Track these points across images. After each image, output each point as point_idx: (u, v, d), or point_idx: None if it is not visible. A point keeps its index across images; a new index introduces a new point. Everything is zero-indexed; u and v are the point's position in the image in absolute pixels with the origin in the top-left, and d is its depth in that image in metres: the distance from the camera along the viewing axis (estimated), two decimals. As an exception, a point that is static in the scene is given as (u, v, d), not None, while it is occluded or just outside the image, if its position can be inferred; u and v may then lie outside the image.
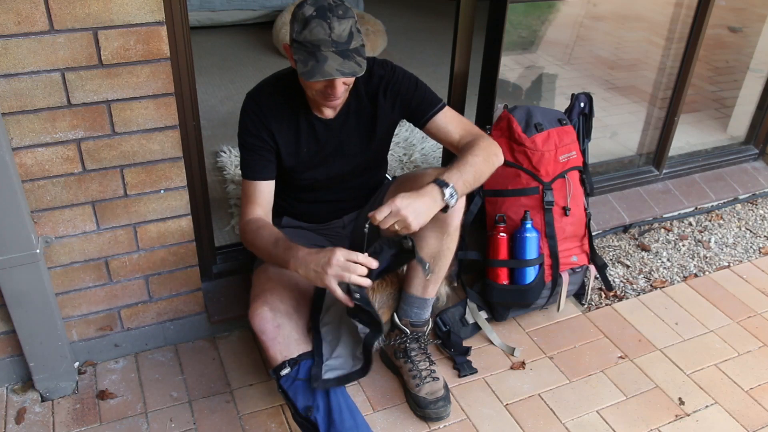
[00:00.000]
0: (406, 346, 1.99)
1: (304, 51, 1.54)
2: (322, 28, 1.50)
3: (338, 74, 1.52)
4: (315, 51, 1.52)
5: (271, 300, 1.66)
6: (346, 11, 1.53)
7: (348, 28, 1.52)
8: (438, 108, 1.79)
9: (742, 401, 2.03)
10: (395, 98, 1.78)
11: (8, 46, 1.49)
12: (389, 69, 1.78)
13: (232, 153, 2.99)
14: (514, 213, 2.21)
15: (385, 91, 1.77)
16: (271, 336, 1.62)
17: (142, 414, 1.90)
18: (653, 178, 2.98)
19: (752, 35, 3.35)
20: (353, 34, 1.54)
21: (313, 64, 1.52)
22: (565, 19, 2.98)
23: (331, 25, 1.50)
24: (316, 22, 1.50)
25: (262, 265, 1.83)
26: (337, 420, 1.59)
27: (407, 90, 1.78)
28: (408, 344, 1.99)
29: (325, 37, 1.50)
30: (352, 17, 1.54)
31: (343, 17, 1.52)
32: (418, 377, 1.93)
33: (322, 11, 1.51)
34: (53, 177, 1.69)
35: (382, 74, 1.77)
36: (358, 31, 1.56)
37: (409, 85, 1.78)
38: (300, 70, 1.55)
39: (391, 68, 1.78)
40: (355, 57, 1.54)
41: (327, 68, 1.51)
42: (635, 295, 2.46)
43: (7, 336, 1.88)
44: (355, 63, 1.53)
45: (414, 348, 1.99)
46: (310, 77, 1.53)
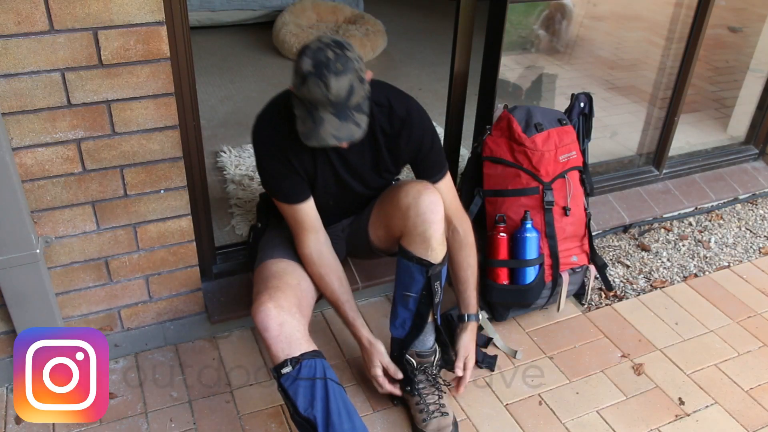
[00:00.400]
0: (413, 378, 1.88)
1: (303, 108, 1.51)
2: (318, 87, 1.44)
3: (333, 141, 1.49)
4: (312, 110, 1.48)
5: (276, 297, 1.66)
6: (345, 63, 1.46)
7: (347, 85, 1.46)
8: (441, 176, 1.86)
9: (742, 401, 2.03)
10: (414, 149, 1.78)
11: (8, 46, 1.49)
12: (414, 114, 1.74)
13: (232, 153, 2.99)
14: (514, 213, 2.21)
15: (408, 137, 1.75)
16: (274, 334, 1.62)
17: (142, 414, 1.90)
18: (653, 178, 2.98)
19: (752, 35, 3.35)
20: (353, 89, 1.47)
21: (311, 126, 1.49)
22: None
23: (328, 84, 1.44)
24: (313, 80, 1.45)
25: (264, 262, 1.83)
26: (336, 422, 1.59)
27: (422, 147, 1.79)
28: (415, 376, 1.88)
29: (322, 97, 1.45)
30: (351, 70, 1.46)
31: (342, 72, 1.45)
32: (425, 411, 1.84)
33: (319, 68, 1.44)
34: (53, 177, 1.69)
35: (404, 117, 1.73)
36: (361, 81, 1.50)
37: (428, 143, 1.79)
38: (299, 129, 1.53)
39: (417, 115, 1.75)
40: (354, 116, 1.50)
41: (323, 133, 1.48)
42: (635, 295, 2.46)
43: (7, 336, 1.88)
44: (354, 123, 1.50)
45: (422, 380, 1.88)
46: (307, 141, 1.51)
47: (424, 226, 1.72)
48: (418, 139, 1.77)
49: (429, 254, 1.74)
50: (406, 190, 1.76)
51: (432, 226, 1.72)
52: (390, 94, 1.74)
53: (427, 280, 1.77)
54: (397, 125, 1.73)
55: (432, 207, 1.72)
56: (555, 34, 2.86)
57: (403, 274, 1.80)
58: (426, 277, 1.76)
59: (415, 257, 1.76)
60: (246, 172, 2.84)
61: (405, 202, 1.74)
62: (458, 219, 1.91)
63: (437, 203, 1.73)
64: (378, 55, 4.40)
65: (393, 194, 1.81)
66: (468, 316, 1.94)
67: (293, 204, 1.75)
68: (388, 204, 1.84)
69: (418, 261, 1.75)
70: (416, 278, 1.77)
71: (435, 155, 1.83)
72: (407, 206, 1.73)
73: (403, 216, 1.75)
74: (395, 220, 1.79)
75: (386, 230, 1.88)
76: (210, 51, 4.38)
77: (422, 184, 1.77)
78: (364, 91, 1.53)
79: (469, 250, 1.92)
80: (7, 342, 1.89)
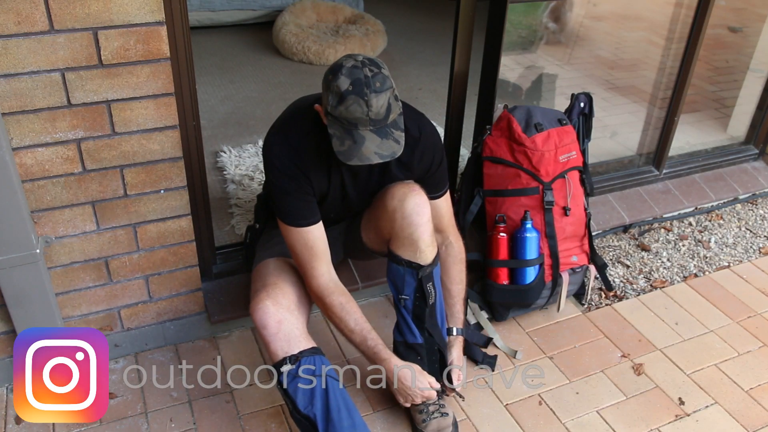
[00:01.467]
0: None
1: (340, 128, 1.48)
2: (359, 105, 1.43)
3: (376, 158, 1.48)
4: (352, 130, 1.46)
5: (274, 294, 1.66)
6: (383, 82, 1.46)
7: (386, 103, 1.45)
8: (442, 192, 1.88)
9: (742, 401, 2.03)
10: (422, 167, 1.78)
11: (8, 46, 1.49)
12: (427, 135, 1.74)
13: (231, 153, 2.99)
14: (514, 213, 2.21)
15: (420, 157, 1.75)
16: (273, 331, 1.62)
17: (142, 414, 1.90)
18: (653, 178, 2.98)
19: (752, 35, 3.35)
20: (391, 107, 1.47)
21: (350, 145, 1.47)
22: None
23: (369, 102, 1.43)
24: (352, 99, 1.43)
25: (262, 261, 1.83)
26: (336, 419, 1.59)
27: (432, 166, 1.79)
28: None
29: (363, 116, 1.44)
30: (389, 88, 1.47)
31: (381, 90, 1.44)
32: (425, 412, 1.82)
33: (359, 86, 1.43)
34: (53, 177, 1.69)
35: (417, 137, 1.71)
36: (396, 98, 1.50)
37: (436, 162, 1.79)
38: (336, 149, 1.49)
39: (429, 135, 1.75)
40: (393, 133, 1.49)
41: (365, 151, 1.46)
42: (635, 295, 2.46)
43: (7, 336, 1.88)
44: (394, 140, 1.49)
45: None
46: (347, 160, 1.48)
47: (411, 229, 1.71)
48: (429, 159, 1.77)
49: (418, 256, 1.74)
50: (392, 193, 1.74)
51: (419, 228, 1.71)
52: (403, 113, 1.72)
53: (419, 282, 1.76)
54: (410, 143, 1.68)
55: (417, 209, 1.70)
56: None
57: (395, 277, 1.80)
58: (417, 279, 1.76)
59: (404, 260, 1.75)
60: (246, 172, 2.84)
61: (391, 205, 1.73)
62: (454, 234, 1.96)
63: (422, 205, 1.72)
64: (378, 55, 4.40)
65: (380, 197, 1.80)
66: (457, 329, 1.95)
67: (305, 227, 1.67)
68: (376, 207, 1.83)
69: (408, 264, 1.75)
70: (407, 281, 1.77)
71: (441, 174, 1.84)
72: (393, 209, 1.72)
73: (390, 219, 1.74)
74: (383, 223, 1.79)
75: (376, 232, 1.88)
76: (210, 51, 4.38)
77: (408, 186, 1.74)
78: (399, 109, 1.52)
79: (461, 266, 1.95)
80: (7, 342, 1.89)
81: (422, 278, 1.76)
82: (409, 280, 1.77)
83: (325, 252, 1.71)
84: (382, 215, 1.78)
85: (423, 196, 1.74)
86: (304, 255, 1.70)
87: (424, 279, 1.76)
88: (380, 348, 1.73)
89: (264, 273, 1.77)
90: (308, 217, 1.67)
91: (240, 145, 3.05)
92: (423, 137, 1.73)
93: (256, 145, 3.04)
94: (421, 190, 1.76)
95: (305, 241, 1.68)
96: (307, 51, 4.19)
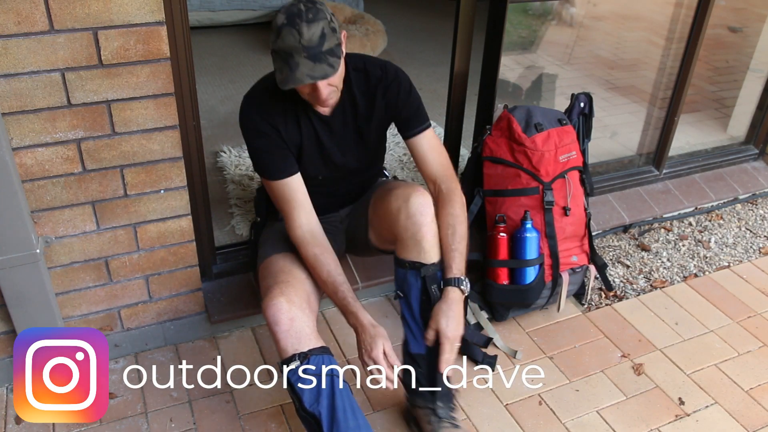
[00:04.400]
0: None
1: (279, 59, 1.56)
2: (291, 35, 1.51)
3: (308, 79, 1.54)
4: (288, 59, 1.54)
5: (287, 292, 1.66)
6: (316, 14, 1.53)
7: (318, 31, 1.52)
8: (422, 128, 1.82)
9: (742, 401, 2.03)
10: (389, 101, 1.79)
11: (8, 46, 1.49)
12: (389, 71, 1.78)
13: (231, 153, 2.99)
14: (514, 213, 2.21)
15: (383, 92, 1.78)
16: (285, 328, 1.62)
17: (142, 414, 1.90)
18: (653, 178, 2.98)
19: (752, 35, 3.35)
20: (325, 36, 1.53)
21: (287, 72, 1.54)
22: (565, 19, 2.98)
23: (300, 30, 1.51)
24: (286, 29, 1.52)
25: (269, 257, 1.83)
26: (341, 418, 1.59)
27: (403, 97, 1.79)
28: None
29: (295, 43, 1.51)
30: (323, 18, 1.54)
31: (313, 20, 1.52)
32: (433, 420, 1.77)
33: (291, 18, 1.52)
34: (53, 177, 1.69)
35: (379, 75, 1.76)
36: (333, 30, 1.56)
37: (403, 93, 1.79)
38: (277, 79, 1.58)
39: (392, 71, 1.78)
40: (328, 59, 1.55)
41: (298, 75, 1.53)
42: (635, 295, 2.46)
43: (7, 336, 1.88)
44: (327, 65, 1.55)
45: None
46: (284, 85, 1.56)
47: (415, 228, 1.72)
48: (395, 90, 1.78)
49: (421, 256, 1.74)
50: (396, 194, 1.77)
51: (422, 228, 1.72)
52: (366, 59, 1.79)
53: (422, 281, 1.75)
54: (373, 83, 1.76)
55: (421, 209, 1.72)
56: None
57: (402, 283, 1.79)
58: (420, 279, 1.75)
59: (407, 262, 1.75)
60: (246, 172, 2.84)
61: (395, 205, 1.75)
62: (443, 177, 1.84)
63: (426, 205, 1.73)
64: (378, 55, 4.40)
65: (384, 197, 1.82)
66: (445, 280, 1.73)
67: (282, 179, 1.73)
68: (380, 207, 1.84)
69: (411, 265, 1.75)
70: (411, 282, 1.76)
71: (412, 106, 1.81)
72: (398, 209, 1.74)
73: (394, 219, 1.75)
74: (386, 223, 1.80)
75: (378, 233, 1.89)
76: (210, 51, 4.38)
77: (411, 186, 1.77)
78: (337, 40, 1.58)
79: (449, 209, 1.78)
80: (7, 342, 1.89)
81: (425, 278, 1.74)
82: (413, 281, 1.76)
83: (304, 202, 1.76)
84: (387, 215, 1.79)
85: (427, 196, 1.75)
86: (284, 206, 1.76)
87: (428, 279, 1.74)
88: (349, 300, 1.70)
89: (274, 269, 1.77)
90: (284, 169, 1.73)
91: (240, 145, 3.05)
92: (384, 74, 1.77)
93: (256, 145, 3.04)
94: (425, 191, 1.76)
95: (283, 193, 1.75)
96: (307, 51, 4.18)
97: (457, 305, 1.71)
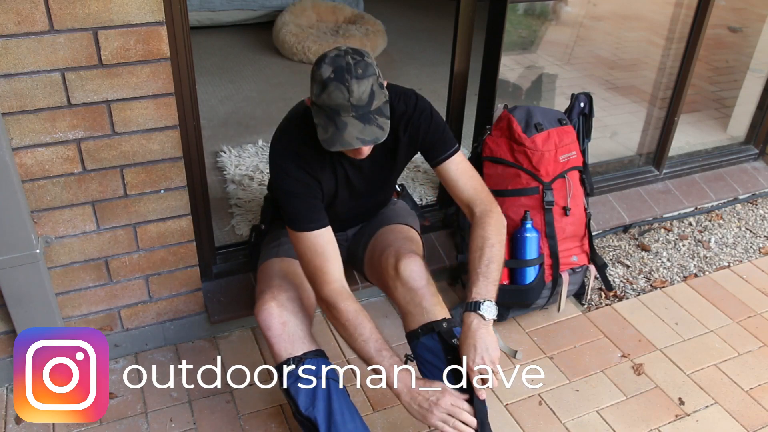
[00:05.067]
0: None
1: (323, 116, 1.47)
2: (340, 92, 1.42)
3: (358, 143, 1.46)
4: (334, 117, 1.45)
5: (279, 296, 1.66)
6: (366, 69, 1.45)
7: (368, 89, 1.44)
8: (449, 154, 1.72)
9: (742, 401, 2.03)
10: (413, 135, 1.72)
11: (8, 46, 1.49)
12: (411, 104, 1.70)
13: (231, 153, 2.99)
14: (514, 213, 2.21)
15: (405, 126, 1.70)
16: (277, 332, 1.62)
17: (142, 414, 1.90)
18: (653, 178, 2.98)
19: (752, 35, 3.35)
20: (374, 93, 1.45)
21: (333, 131, 1.45)
22: (565, 19, 2.98)
23: (350, 88, 1.42)
24: (334, 85, 1.42)
25: (267, 261, 1.83)
26: (339, 421, 1.59)
27: (424, 127, 1.71)
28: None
29: (344, 102, 1.42)
30: (372, 75, 1.45)
31: (363, 77, 1.43)
32: None
33: (340, 73, 1.43)
34: (53, 177, 1.69)
35: (403, 110, 1.68)
36: (381, 87, 1.48)
37: (426, 122, 1.71)
38: (320, 137, 1.48)
39: (413, 104, 1.70)
40: (377, 120, 1.47)
41: (347, 137, 1.44)
42: (635, 295, 2.46)
43: (7, 336, 1.88)
44: (377, 127, 1.47)
45: None
46: (330, 146, 1.47)
47: (411, 294, 1.69)
48: (416, 124, 1.70)
49: (426, 316, 1.67)
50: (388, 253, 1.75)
51: (419, 291, 1.68)
52: (393, 93, 1.70)
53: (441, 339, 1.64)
54: (397, 117, 1.68)
55: (413, 275, 1.68)
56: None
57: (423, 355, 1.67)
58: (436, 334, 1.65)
59: (419, 329, 1.68)
60: (246, 172, 2.84)
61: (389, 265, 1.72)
62: (476, 200, 1.74)
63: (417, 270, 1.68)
64: (378, 55, 4.40)
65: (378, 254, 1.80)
66: (466, 305, 1.59)
67: (314, 231, 1.60)
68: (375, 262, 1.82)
69: (423, 330, 1.68)
70: (431, 346, 1.67)
71: (436, 134, 1.72)
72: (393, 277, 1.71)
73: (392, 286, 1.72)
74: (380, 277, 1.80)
75: (370, 273, 1.90)
76: (210, 51, 4.38)
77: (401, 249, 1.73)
78: (385, 96, 1.51)
79: (480, 231, 1.68)
80: (7, 342, 1.89)
81: (441, 333, 1.64)
82: (433, 345, 1.65)
83: (337, 256, 1.63)
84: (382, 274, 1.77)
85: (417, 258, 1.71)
86: (315, 261, 1.62)
87: (444, 333, 1.64)
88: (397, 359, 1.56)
89: (269, 274, 1.77)
90: (317, 221, 1.61)
91: (240, 145, 3.05)
92: (409, 108, 1.70)
93: (256, 145, 3.04)
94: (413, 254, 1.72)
95: (315, 246, 1.61)
96: (307, 51, 4.19)
97: (481, 332, 1.55)
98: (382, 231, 1.90)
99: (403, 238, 1.84)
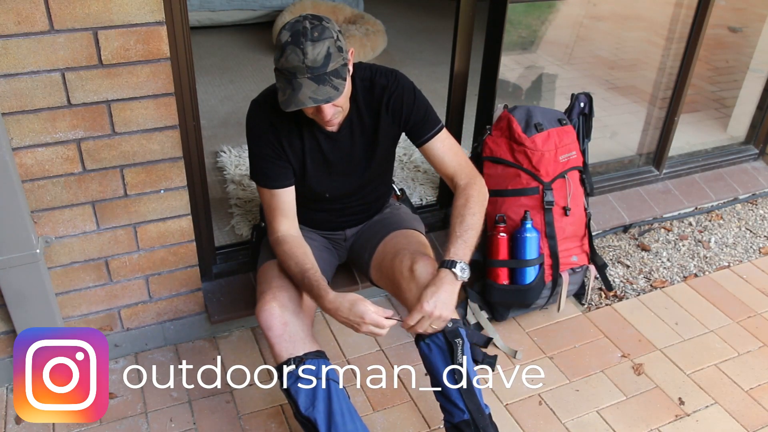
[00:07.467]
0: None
1: (282, 79, 1.53)
2: (295, 54, 1.47)
3: (311, 102, 1.50)
4: (291, 78, 1.50)
5: (280, 296, 1.66)
6: (322, 32, 1.49)
7: (324, 51, 1.48)
8: (434, 132, 1.77)
9: (742, 401, 2.03)
10: (395, 112, 1.75)
11: (8, 46, 1.49)
12: (393, 80, 1.73)
13: (231, 153, 2.99)
14: (514, 213, 2.21)
15: (387, 103, 1.73)
16: (278, 333, 1.62)
17: (142, 414, 1.90)
18: (653, 178, 2.98)
19: (752, 35, 3.35)
20: (331, 56, 1.49)
21: (290, 93, 1.51)
22: (565, 19, 2.98)
23: (305, 50, 1.47)
24: (290, 48, 1.48)
25: (267, 261, 1.83)
26: (339, 422, 1.59)
27: (407, 105, 1.74)
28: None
29: (299, 63, 1.47)
30: (329, 38, 1.49)
31: (318, 39, 1.48)
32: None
33: (296, 36, 1.48)
34: (53, 177, 1.69)
35: (384, 85, 1.72)
36: (340, 49, 1.51)
37: (409, 100, 1.74)
38: (279, 100, 1.54)
39: (394, 80, 1.73)
40: (332, 81, 1.50)
41: (300, 96, 1.49)
42: (635, 295, 2.46)
43: (7, 336, 1.88)
44: (332, 87, 1.51)
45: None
46: (286, 107, 1.52)
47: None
48: (398, 101, 1.73)
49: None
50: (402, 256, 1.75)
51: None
52: (374, 70, 1.75)
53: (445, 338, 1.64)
54: (377, 94, 1.72)
55: (429, 277, 1.66)
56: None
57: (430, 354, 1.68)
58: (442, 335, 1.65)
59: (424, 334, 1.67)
60: (246, 172, 2.84)
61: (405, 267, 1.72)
62: (460, 173, 1.79)
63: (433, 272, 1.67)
64: (378, 55, 4.40)
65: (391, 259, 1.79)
66: (442, 262, 1.65)
67: (273, 188, 1.72)
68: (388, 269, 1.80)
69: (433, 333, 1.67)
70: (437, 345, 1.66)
71: (419, 112, 1.76)
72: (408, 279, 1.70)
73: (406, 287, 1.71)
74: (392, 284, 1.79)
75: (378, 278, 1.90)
76: (210, 51, 4.38)
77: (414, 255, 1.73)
78: (343, 59, 1.54)
79: (462, 200, 1.74)
80: (7, 342, 1.89)
81: (445, 332, 1.64)
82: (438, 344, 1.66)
83: (290, 214, 1.76)
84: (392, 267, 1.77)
85: (432, 261, 1.72)
86: (268, 213, 1.77)
87: (449, 334, 1.64)
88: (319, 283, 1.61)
89: (270, 275, 1.77)
90: (278, 180, 1.73)
91: (240, 145, 3.05)
92: (387, 83, 1.73)
93: (256, 145, 3.04)
94: (429, 257, 1.73)
95: (272, 201, 1.74)
96: (307, 51, 4.18)
97: (447, 286, 1.59)
98: (393, 235, 1.90)
99: (417, 242, 1.86)
